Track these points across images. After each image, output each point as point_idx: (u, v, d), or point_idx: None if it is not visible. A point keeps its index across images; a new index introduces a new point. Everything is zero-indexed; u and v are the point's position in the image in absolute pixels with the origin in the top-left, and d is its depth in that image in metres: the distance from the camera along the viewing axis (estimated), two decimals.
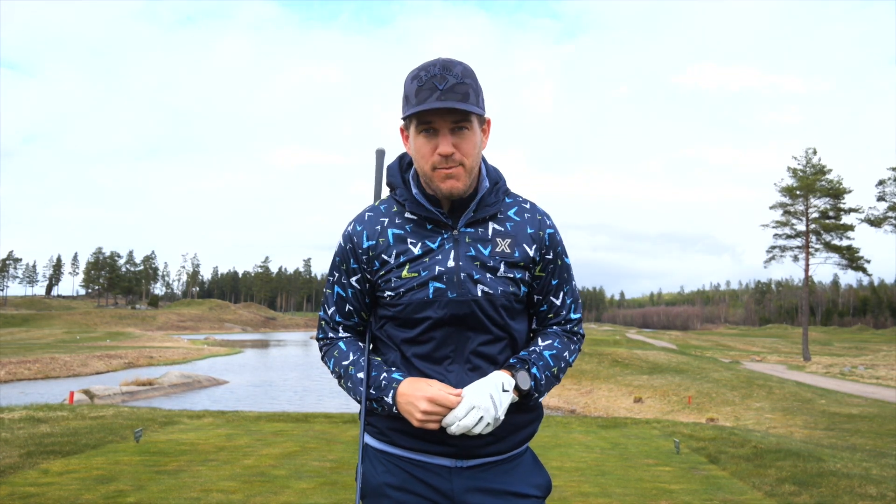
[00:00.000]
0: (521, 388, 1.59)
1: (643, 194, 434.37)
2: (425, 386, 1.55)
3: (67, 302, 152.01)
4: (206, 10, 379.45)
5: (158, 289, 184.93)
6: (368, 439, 1.74)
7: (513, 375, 1.60)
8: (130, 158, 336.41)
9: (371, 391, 1.62)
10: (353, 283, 1.71)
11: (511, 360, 1.65)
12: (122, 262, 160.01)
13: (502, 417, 1.54)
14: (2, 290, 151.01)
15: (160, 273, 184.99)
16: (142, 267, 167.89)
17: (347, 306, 1.73)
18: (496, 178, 1.73)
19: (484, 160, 1.72)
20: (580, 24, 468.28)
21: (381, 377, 1.62)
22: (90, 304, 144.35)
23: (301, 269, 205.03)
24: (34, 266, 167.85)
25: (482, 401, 1.51)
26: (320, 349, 1.81)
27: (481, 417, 1.50)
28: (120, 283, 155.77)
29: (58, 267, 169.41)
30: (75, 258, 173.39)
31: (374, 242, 1.67)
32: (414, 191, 1.68)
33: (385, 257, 1.65)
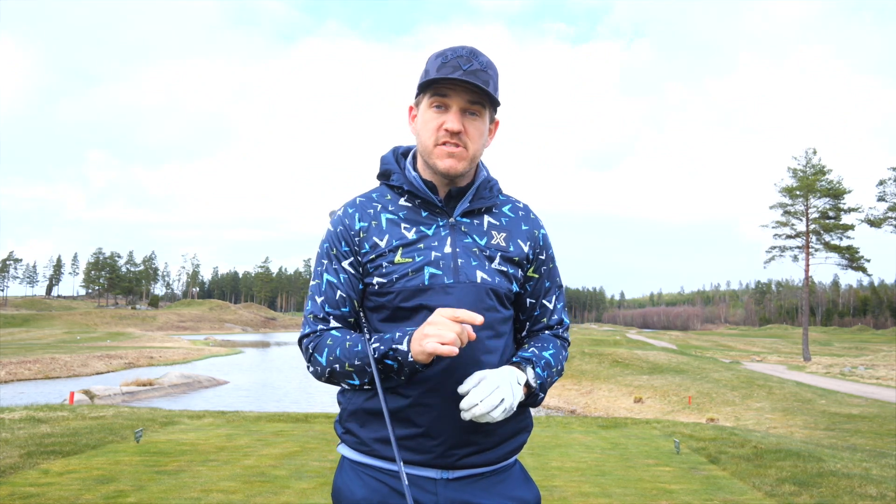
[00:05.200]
0: (531, 384, 1.53)
1: (644, 194, 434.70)
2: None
3: (68, 302, 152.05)
4: (227, 14, 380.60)
5: (158, 289, 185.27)
6: (345, 450, 1.62)
7: (523, 371, 1.53)
8: (135, 160, 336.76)
9: (381, 347, 1.46)
10: (346, 268, 1.60)
11: (514, 360, 1.58)
12: (122, 262, 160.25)
13: (515, 408, 1.45)
14: (2, 291, 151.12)
15: (160, 273, 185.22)
16: (142, 267, 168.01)
17: (339, 293, 1.59)
18: (490, 178, 1.72)
19: (481, 162, 1.71)
20: (595, 31, 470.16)
21: (396, 334, 1.48)
22: (90, 305, 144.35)
23: (301, 270, 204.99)
24: (34, 266, 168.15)
25: (503, 383, 1.43)
26: (306, 350, 1.60)
27: (502, 399, 1.41)
28: (120, 284, 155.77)
29: (58, 267, 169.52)
30: (75, 258, 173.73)
31: (366, 224, 1.59)
32: (413, 174, 1.63)
33: (376, 240, 1.57)
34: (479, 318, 1.39)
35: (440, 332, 1.37)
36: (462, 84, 1.52)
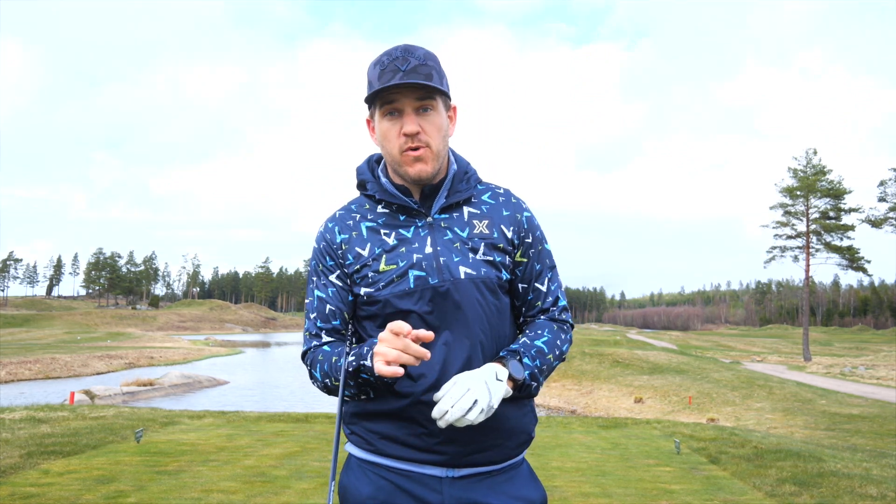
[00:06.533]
0: (515, 377, 1.48)
1: (644, 195, 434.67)
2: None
3: (68, 302, 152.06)
4: (231, 15, 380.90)
5: (159, 289, 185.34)
6: (352, 448, 1.63)
7: (505, 366, 1.50)
8: (137, 161, 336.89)
9: (354, 362, 1.47)
10: (334, 281, 1.62)
11: (501, 353, 1.55)
12: (122, 262, 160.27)
13: (496, 406, 1.41)
14: (2, 291, 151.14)
15: (161, 273, 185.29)
16: (142, 267, 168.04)
17: (328, 307, 1.62)
18: (465, 167, 1.68)
19: (452, 150, 1.69)
20: (596, 32, 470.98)
21: (364, 348, 1.47)
22: (91, 305, 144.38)
23: (301, 270, 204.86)
24: (35, 266, 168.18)
25: (476, 384, 1.40)
26: (307, 366, 1.64)
27: (476, 401, 1.37)
28: (120, 284, 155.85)
29: (58, 267, 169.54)
30: (76, 258, 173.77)
31: (347, 236, 1.61)
32: (384, 181, 1.63)
33: (359, 250, 1.58)
34: (429, 335, 1.38)
35: (384, 351, 1.37)
36: (405, 86, 1.51)
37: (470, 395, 1.38)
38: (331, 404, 22.65)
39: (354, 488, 1.57)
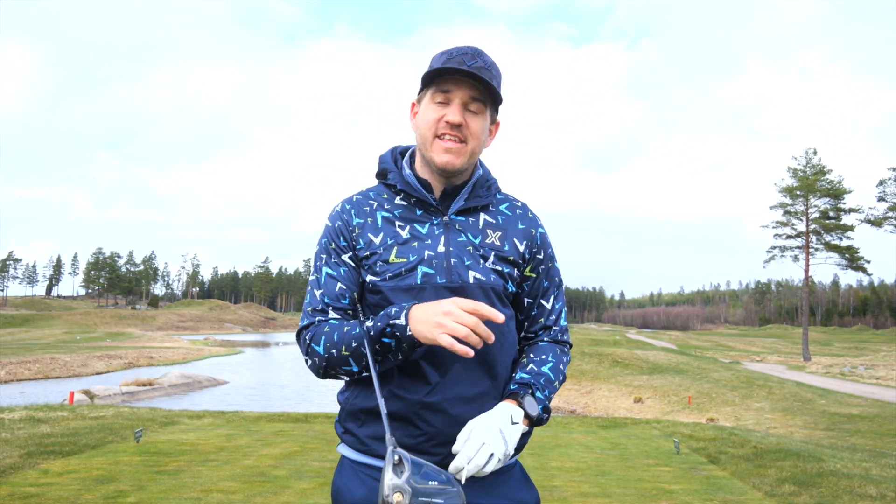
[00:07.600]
0: (531, 415, 1.48)
1: (644, 195, 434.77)
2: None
3: (67, 302, 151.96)
4: (233, 16, 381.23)
5: (158, 289, 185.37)
6: (344, 450, 1.62)
7: (519, 404, 1.49)
8: (139, 161, 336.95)
9: (378, 323, 1.42)
10: (346, 261, 1.59)
11: (512, 387, 1.54)
12: (121, 262, 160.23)
13: (512, 452, 1.41)
14: (2, 291, 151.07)
15: (160, 273, 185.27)
16: (142, 267, 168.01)
17: (339, 286, 1.57)
18: (488, 175, 1.70)
19: (479, 159, 1.69)
20: (596, 32, 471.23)
21: (392, 309, 1.43)
22: (90, 305, 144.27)
23: (301, 270, 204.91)
24: (34, 266, 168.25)
25: (492, 437, 1.39)
26: (304, 342, 1.56)
27: (492, 455, 1.37)
28: (120, 284, 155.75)
29: (58, 267, 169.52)
30: (75, 258, 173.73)
31: (362, 221, 1.60)
32: (407, 172, 1.63)
33: (371, 237, 1.57)
34: (500, 317, 1.36)
35: (455, 326, 1.33)
36: (466, 79, 1.53)
37: (485, 451, 1.37)
38: (330, 404, 22.62)
39: (347, 490, 1.55)
